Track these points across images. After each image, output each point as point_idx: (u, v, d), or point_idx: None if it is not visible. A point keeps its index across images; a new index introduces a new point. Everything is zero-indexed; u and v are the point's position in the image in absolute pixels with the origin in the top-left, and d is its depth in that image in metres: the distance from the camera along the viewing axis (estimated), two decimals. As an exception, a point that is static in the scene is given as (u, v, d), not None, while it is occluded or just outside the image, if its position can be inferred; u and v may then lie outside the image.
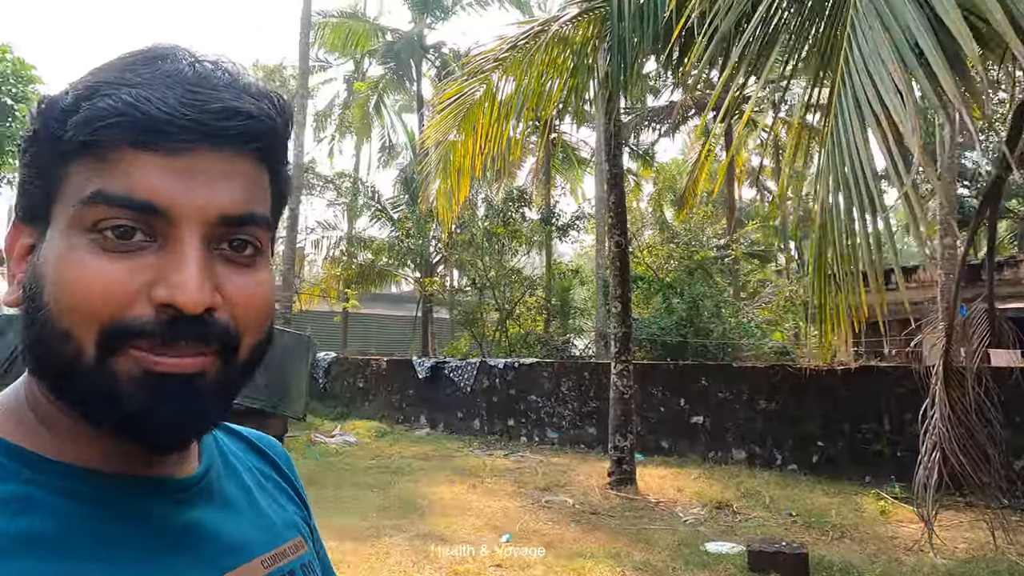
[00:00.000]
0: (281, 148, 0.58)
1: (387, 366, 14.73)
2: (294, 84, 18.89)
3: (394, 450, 10.54)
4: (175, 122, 0.49)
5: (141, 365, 0.50)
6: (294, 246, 14.95)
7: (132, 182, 0.49)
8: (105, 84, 0.50)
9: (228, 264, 0.53)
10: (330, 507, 6.73)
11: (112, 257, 0.49)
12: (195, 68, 0.53)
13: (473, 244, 15.65)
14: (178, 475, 0.59)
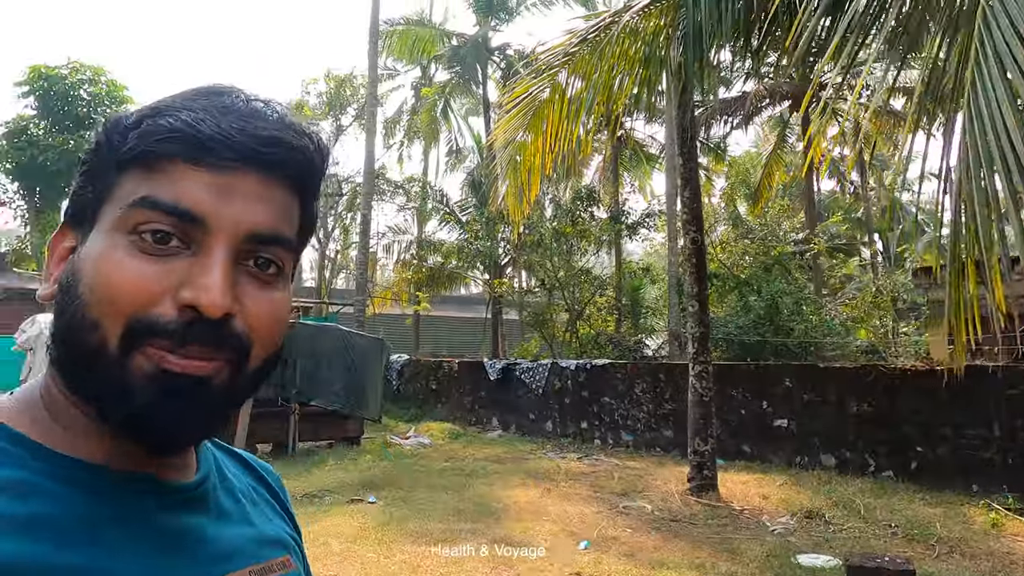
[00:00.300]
0: (315, 182, 0.63)
1: (459, 368, 14.82)
2: (364, 92, 19.33)
3: (467, 452, 10.55)
4: (225, 143, 0.55)
5: (155, 362, 0.53)
6: (367, 251, 15.25)
7: (179, 192, 0.54)
8: (167, 108, 0.56)
9: (251, 279, 0.57)
10: (406, 509, 6.76)
11: (147, 259, 0.53)
12: (248, 104, 0.59)
13: (541, 245, 15.55)
14: (178, 480, 0.62)
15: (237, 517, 0.68)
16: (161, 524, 0.59)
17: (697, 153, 7.77)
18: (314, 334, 10.56)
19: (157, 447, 0.58)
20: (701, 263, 7.45)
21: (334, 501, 7.17)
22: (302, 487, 7.86)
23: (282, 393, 10.04)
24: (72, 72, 13.68)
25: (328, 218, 20.48)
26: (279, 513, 0.78)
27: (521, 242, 16.02)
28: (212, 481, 0.67)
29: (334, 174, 20.54)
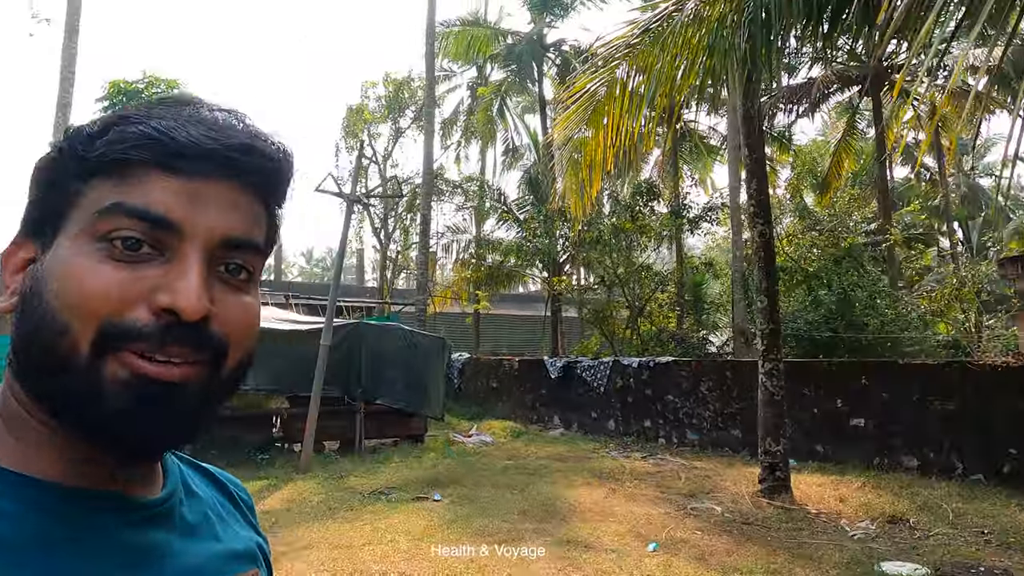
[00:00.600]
0: (282, 190, 0.64)
1: (519, 366, 14.82)
2: (422, 94, 19.57)
3: (530, 450, 10.53)
4: (198, 150, 0.55)
5: (130, 368, 0.52)
6: (427, 251, 15.43)
7: (151, 198, 0.54)
8: (135, 116, 0.56)
9: (223, 284, 0.57)
10: (470, 508, 6.78)
11: (119, 265, 0.53)
12: (214, 114, 0.59)
13: (600, 241, 15.37)
14: (141, 496, 0.61)
15: (204, 532, 0.67)
16: (123, 541, 0.57)
17: (763, 143, 7.49)
18: (378, 334, 10.74)
19: (131, 454, 0.57)
20: (769, 257, 7.18)
21: (400, 498, 7.26)
22: (369, 484, 8.00)
23: (348, 392, 10.26)
24: (148, 86, 14.35)
25: (389, 220, 20.83)
26: (246, 527, 0.77)
27: (580, 239, 15.88)
28: (178, 496, 0.66)
29: (394, 176, 20.88)
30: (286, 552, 5.35)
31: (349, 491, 7.66)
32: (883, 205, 19.02)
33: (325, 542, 5.57)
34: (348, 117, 20.31)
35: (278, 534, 5.88)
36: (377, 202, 20.62)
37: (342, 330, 10.16)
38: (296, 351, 9.70)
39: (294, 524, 6.24)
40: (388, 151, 21.19)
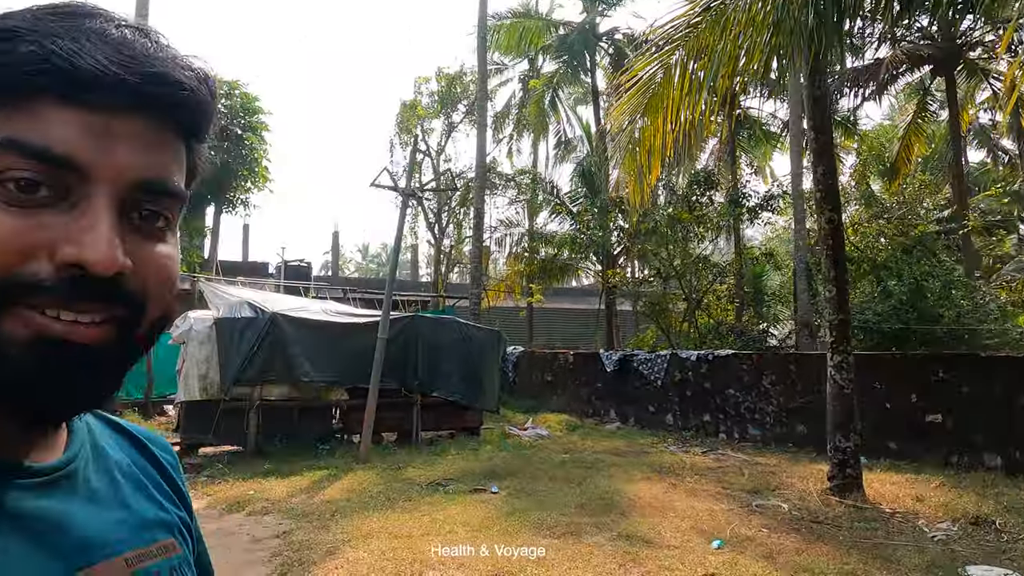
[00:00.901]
0: (205, 123, 0.56)
1: (574, 360, 14.70)
2: (474, 88, 19.60)
3: (586, 444, 10.42)
4: (106, 80, 0.48)
5: (32, 328, 0.47)
6: (480, 244, 15.45)
7: (52, 134, 0.47)
8: (24, 30, 0.47)
9: (137, 233, 0.51)
10: (528, 500, 6.74)
11: (12, 211, 0.46)
12: (123, 32, 0.51)
13: (656, 232, 15.07)
14: (38, 461, 0.55)
15: (111, 499, 0.61)
16: (12, 511, 0.51)
17: (831, 125, 7.16)
18: (433, 327, 10.80)
19: (33, 421, 0.53)
20: (838, 244, 6.86)
21: (458, 490, 7.28)
22: (426, 475, 8.05)
23: (405, 384, 10.36)
24: (211, 88, 14.80)
25: (443, 214, 20.98)
26: (168, 493, 0.70)
27: (636, 230, 15.61)
28: (84, 459, 0.60)
29: (447, 170, 21.00)
30: (348, 540, 5.42)
31: (407, 482, 7.72)
32: (958, 191, 18.04)
33: (385, 532, 5.62)
34: (402, 113, 20.53)
35: (339, 523, 5.97)
36: (431, 196, 20.80)
37: (398, 323, 10.26)
38: (354, 344, 9.85)
39: (354, 513, 6.32)
40: (441, 146, 21.34)
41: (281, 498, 7.04)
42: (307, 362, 9.45)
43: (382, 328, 9.38)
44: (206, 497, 7.22)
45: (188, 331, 8.97)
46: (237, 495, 7.13)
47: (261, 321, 9.26)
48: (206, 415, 8.88)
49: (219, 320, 9.14)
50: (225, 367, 8.96)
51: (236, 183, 14.90)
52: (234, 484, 7.61)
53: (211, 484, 7.69)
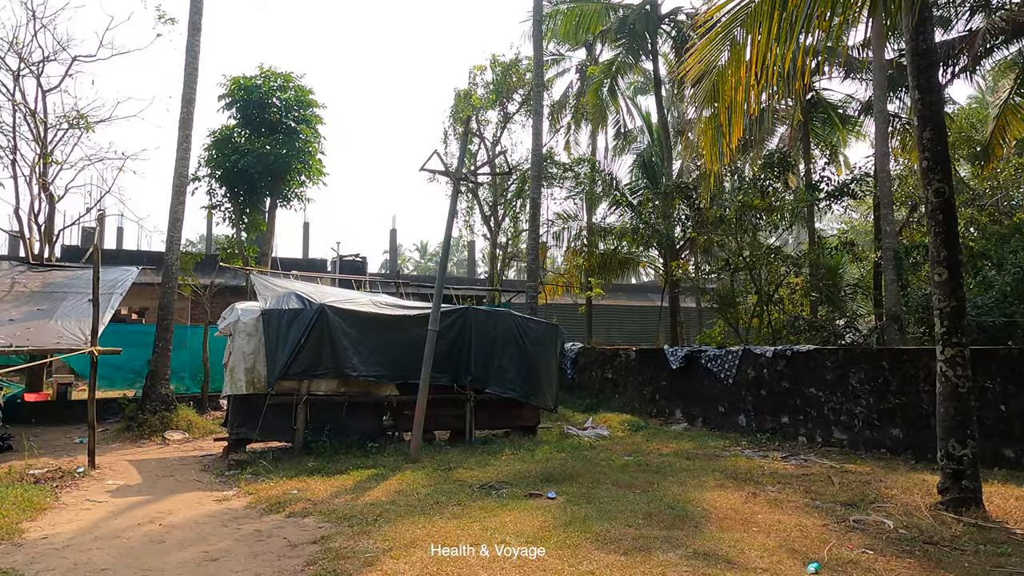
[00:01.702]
0: None
1: (636, 356, 13.90)
2: (530, 77, 18.98)
3: (651, 446, 9.66)
4: None
5: None
6: (537, 236, 14.83)
7: None
8: None
9: None
10: (589, 508, 6.07)
11: None
12: None
13: (724, 222, 14.10)
14: None
15: None
16: None
17: (939, 83, 6.21)
18: (488, 320, 10.25)
19: None
20: (950, 220, 5.92)
21: (512, 494, 6.68)
22: (479, 477, 7.49)
23: (457, 380, 9.84)
24: (265, 81, 14.69)
25: (498, 207, 20.44)
26: None
27: (702, 218, 14.66)
28: None
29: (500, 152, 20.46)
30: (389, 549, 4.89)
31: (458, 484, 7.18)
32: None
33: (431, 540, 5.07)
34: (456, 103, 20.10)
35: (382, 528, 5.47)
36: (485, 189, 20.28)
37: (450, 316, 9.76)
38: (405, 337, 9.40)
39: (399, 518, 5.81)
40: (497, 137, 20.79)
41: (324, 498, 6.60)
42: (355, 356, 9.05)
43: (432, 320, 8.88)
44: (248, 496, 6.86)
45: (235, 323, 8.70)
46: (279, 494, 6.74)
47: (309, 313, 8.91)
48: (254, 410, 8.58)
49: (266, 311, 8.84)
50: (272, 360, 8.64)
51: (290, 177, 14.73)
52: (277, 482, 7.24)
53: (254, 482, 7.34)
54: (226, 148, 14.41)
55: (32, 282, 10.84)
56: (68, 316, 9.44)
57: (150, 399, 10.90)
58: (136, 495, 7.00)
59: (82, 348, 8.07)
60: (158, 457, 9.21)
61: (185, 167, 11.70)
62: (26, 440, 10.40)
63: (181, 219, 11.61)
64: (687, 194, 13.73)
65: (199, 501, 6.72)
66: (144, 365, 11.92)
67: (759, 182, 13.52)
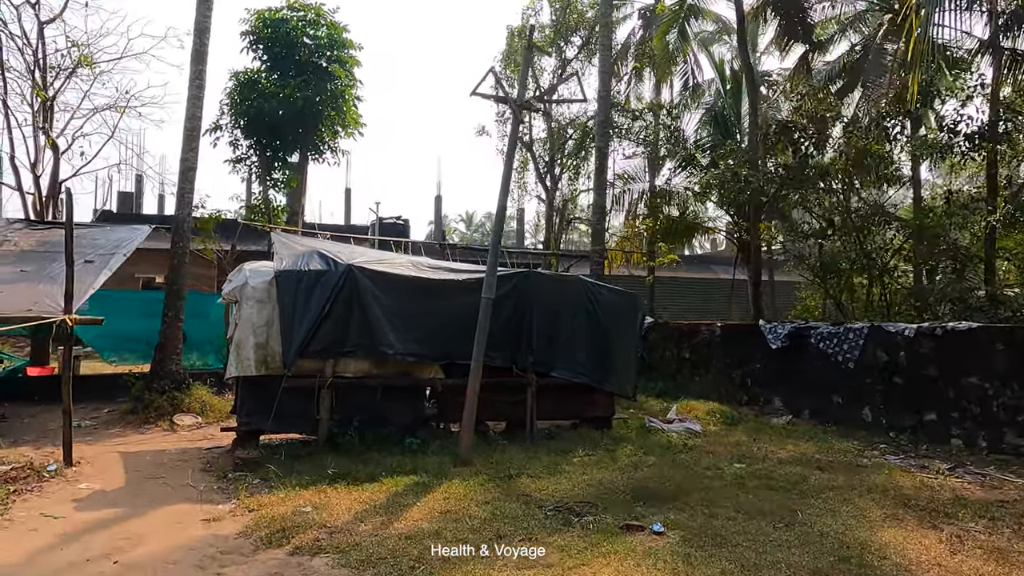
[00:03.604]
0: None
1: (722, 333, 11.82)
2: (591, 15, 16.74)
3: (761, 448, 7.64)
4: None
5: None
6: (604, 191, 12.75)
7: None
8: None
9: None
10: (722, 558, 4.16)
11: None
12: None
13: (828, 175, 11.74)
14: None
15: None
16: None
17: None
18: (552, 287, 8.35)
19: None
20: None
21: (600, 525, 4.81)
22: (550, 491, 5.65)
23: (516, 360, 7.98)
24: (293, 16, 12.90)
25: (555, 163, 18.32)
26: None
27: (803, 170, 12.29)
28: None
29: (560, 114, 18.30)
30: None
31: (524, 503, 5.35)
32: None
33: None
34: (509, 43, 17.96)
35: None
36: (540, 145, 18.19)
37: (508, 281, 7.87)
38: (452, 308, 7.57)
39: (448, 565, 4.01)
40: (553, 85, 18.59)
41: (345, 522, 4.86)
42: (391, 330, 7.27)
43: (487, 285, 7.00)
44: (246, 514, 5.17)
45: (242, 287, 7.00)
46: (287, 513, 5.03)
47: (334, 275, 7.15)
48: (267, 395, 6.91)
49: (281, 273, 7.10)
50: (288, 334, 6.93)
51: (323, 126, 12.97)
52: (288, 494, 5.53)
53: (260, 491, 5.66)
54: (251, 93, 12.73)
55: (26, 240, 9.39)
56: (55, 280, 7.90)
57: (158, 377, 9.40)
58: (107, 507, 5.40)
59: (53, 317, 6.50)
60: (157, 448, 7.66)
61: (198, 107, 10.03)
62: (19, 421, 9.05)
63: (194, 167, 9.97)
64: (793, 136, 11.37)
65: (182, 521, 5.06)
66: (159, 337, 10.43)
67: (881, 119, 11.09)
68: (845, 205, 11.87)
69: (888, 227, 12.29)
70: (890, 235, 12.39)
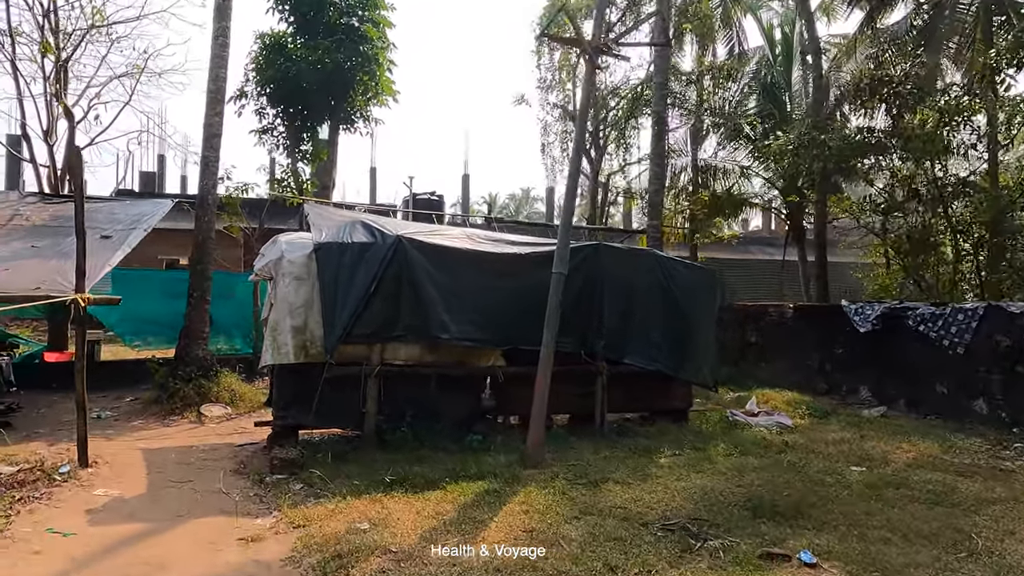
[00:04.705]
0: None
1: (795, 315, 10.75)
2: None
3: (873, 446, 6.60)
4: None
5: None
6: (663, 159, 11.67)
7: None
8: None
9: None
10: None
11: None
12: None
13: (915, 138, 10.50)
14: None
15: None
16: None
17: None
18: (624, 261, 7.35)
19: None
20: None
21: (731, 552, 3.84)
22: (647, 503, 4.71)
23: (585, 344, 7.00)
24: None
25: (600, 132, 17.16)
26: None
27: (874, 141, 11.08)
28: None
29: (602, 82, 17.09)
30: None
31: (622, 517, 4.41)
32: None
33: None
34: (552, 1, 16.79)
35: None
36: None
37: (577, 255, 6.84)
38: (515, 285, 6.62)
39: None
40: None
41: (412, 545, 3.95)
42: (446, 311, 6.33)
43: (559, 258, 6.02)
44: (291, 530, 4.28)
45: (277, 262, 6.09)
46: (341, 532, 4.13)
47: (381, 248, 6.21)
48: (306, 385, 6.03)
49: (321, 246, 6.18)
50: (331, 315, 6.02)
51: (355, 92, 12.00)
52: (338, 505, 4.64)
53: (303, 504, 4.76)
54: (278, 57, 11.79)
55: (38, 215, 8.59)
56: (67, 256, 7.06)
57: (184, 363, 8.58)
58: (126, 520, 4.54)
59: (64, 296, 5.64)
60: (184, 445, 6.83)
61: (222, 67, 9.11)
62: (34, 412, 8.30)
63: (219, 134, 9.07)
64: (887, 93, 10.06)
65: (216, 540, 4.19)
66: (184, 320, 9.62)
67: (987, 76, 9.83)
68: (933, 173, 10.65)
69: (971, 198, 11.05)
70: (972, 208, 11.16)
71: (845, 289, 15.93)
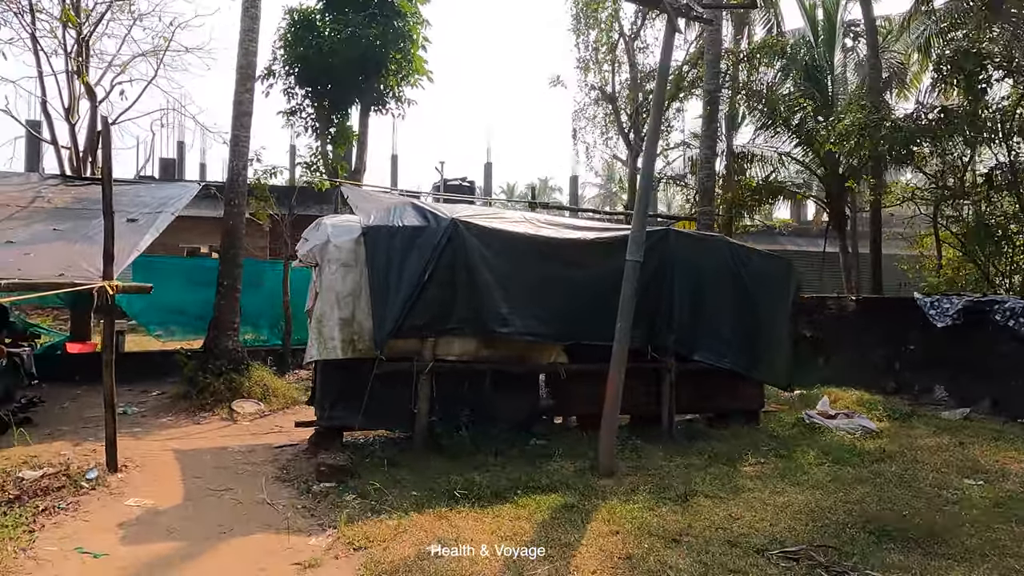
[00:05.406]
0: None
1: (858, 308, 10.06)
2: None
3: (979, 455, 5.94)
4: None
5: None
6: (714, 140, 11.02)
7: None
8: None
9: None
10: None
11: None
12: None
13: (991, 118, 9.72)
14: None
15: None
16: None
17: None
18: (695, 249, 6.72)
19: None
20: None
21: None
22: (749, 521, 4.13)
23: (653, 338, 6.39)
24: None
25: (639, 117, 16.43)
26: None
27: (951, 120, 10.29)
28: None
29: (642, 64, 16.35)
30: None
31: (728, 542, 3.84)
32: None
33: None
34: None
35: None
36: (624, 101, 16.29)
37: (647, 241, 6.23)
38: (580, 275, 6.03)
39: None
40: (635, 29, 16.65)
41: (496, 573, 3.38)
42: (505, 303, 5.74)
43: (633, 243, 5.40)
44: (353, 553, 3.73)
45: (323, 246, 5.52)
46: (410, 558, 3.58)
47: (435, 232, 5.63)
48: (354, 383, 5.48)
49: (370, 229, 5.60)
50: (381, 306, 5.45)
51: (387, 71, 11.39)
52: (400, 522, 4.09)
53: (361, 520, 4.19)
54: (308, 34, 11.20)
55: (60, 197, 8.08)
56: (92, 240, 6.54)
57: (214, 356, 8.07)
58: (163, 538, 4.01)
59: (90, 283, 5.11)
60: (218, 446, 6.31)
61: (253, 41, 8.55)
62: (56, 407, 7.84)
63: (249, 112, 8.52)
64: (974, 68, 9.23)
65: (266, 565, 3.64)
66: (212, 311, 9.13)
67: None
68: (1010, 156, 9.88)
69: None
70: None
71: (898, 283, 15.13)
